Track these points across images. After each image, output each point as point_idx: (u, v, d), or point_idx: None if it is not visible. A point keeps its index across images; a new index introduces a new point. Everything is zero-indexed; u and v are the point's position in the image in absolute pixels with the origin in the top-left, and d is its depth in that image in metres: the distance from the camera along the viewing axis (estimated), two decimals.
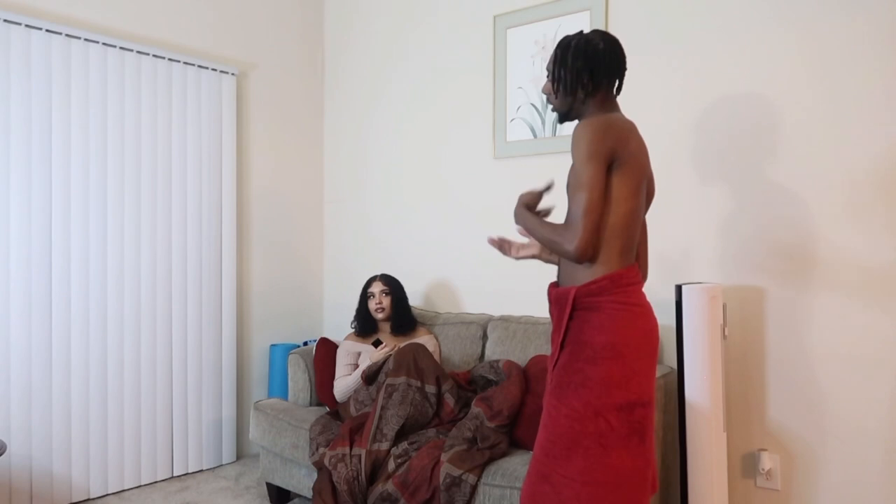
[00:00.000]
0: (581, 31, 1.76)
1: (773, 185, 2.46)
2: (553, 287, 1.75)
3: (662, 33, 2.71)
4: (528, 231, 1.70)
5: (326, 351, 3.02)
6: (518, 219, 1.76)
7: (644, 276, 1.83)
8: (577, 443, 1.59)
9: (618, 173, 1.60)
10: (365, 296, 3.06)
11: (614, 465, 1.58)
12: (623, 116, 1.69)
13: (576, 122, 1.81)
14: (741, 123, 2.52)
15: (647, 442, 1.64)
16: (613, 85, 1.74)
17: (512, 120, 3.13)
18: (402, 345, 2.76)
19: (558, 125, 2.96)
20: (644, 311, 1.65)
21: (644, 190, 1.68)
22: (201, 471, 3.33)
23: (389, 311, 3.01)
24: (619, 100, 2.80)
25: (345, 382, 2.84)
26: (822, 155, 2.36)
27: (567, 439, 1.60)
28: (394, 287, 3.05)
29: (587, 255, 1.55)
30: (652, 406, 1.65)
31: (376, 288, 3.02)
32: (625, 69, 1.75)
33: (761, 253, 2.48)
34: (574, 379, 1.62)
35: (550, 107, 1.82)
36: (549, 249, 1.66)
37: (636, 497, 1.61)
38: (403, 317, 3.03)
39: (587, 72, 1.70)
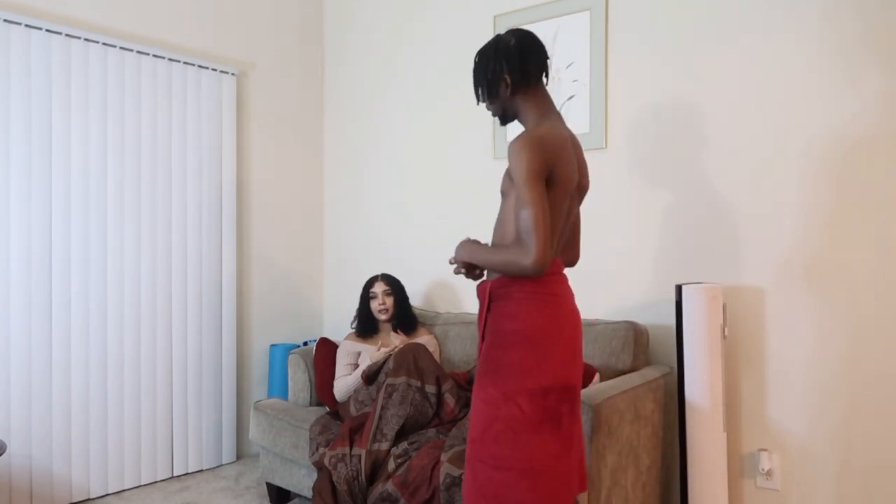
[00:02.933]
0: (497, 34, 1.83)
1: (774, 185, 2.46)
2: (479, 283, 1.81)
3: (663, 33, 2.71)
4: (478, 262, 1.71)
5: (326, 351, 3.02)
6: (464, 252, 1.76)
7: (574, 260, 1.95)
8: (490, 426, 1.65)
9: (547, 187, 1.66)
10: (366, 296, 3.06)
11: (526, 451, 1.61)
12: (556, 126, 1.72)
13: (515, 121, 1.87)
14: (741, 123, 2.52)
15: (564, 429, 1.66)
16: (535, 78, 1.77)
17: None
18: (402, 345, 2.76)
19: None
20: (554, 300, 1.68)
21: (569, 196, 1.72)
22: (201, 471, 3.33)
23: (392, 311, 3.01)
24: (620, 100, 2.80)
25: (345, 382, 2.84)
26: (821, 155, 2.36)
27: (482, 423, 1.67)
28: (396, 287, 3.05)
29: (545, 267, 1.57)
30: (571, 392, 1.67)
31: (378, 288, 3.02)
32: (543, 59, 1.78)
33: (761, 253, 2.48)
34: (490, 366, 1.69)
35: (491, 113, 1.90)
36: (502, 272, 1.66)
37: (551, 486, 1.62)
38: (406, 317, 3.03)
39: (503, 70, 1.76)
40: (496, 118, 1.92)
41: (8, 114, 2.71)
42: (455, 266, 1.81)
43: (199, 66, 3.30)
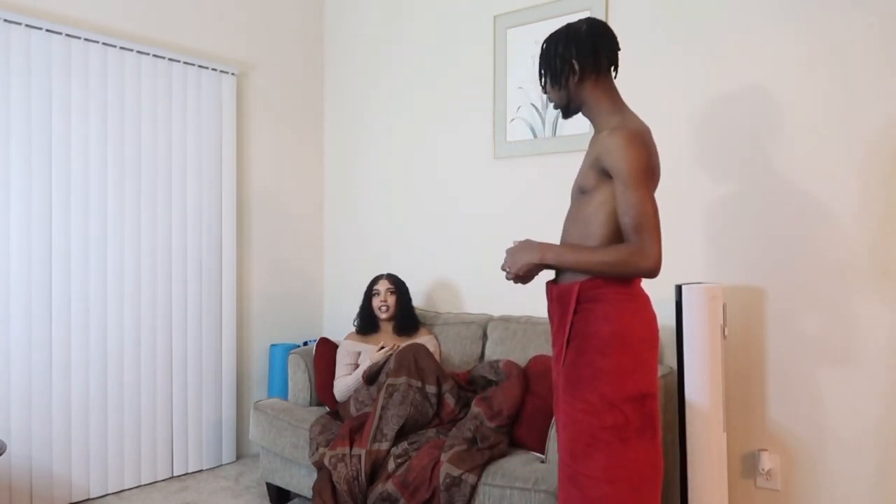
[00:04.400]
0: (568, 22, 1.74)
1: (774, 185, 2.45)
2: (552, 284, 1.73)
3: (664, 31, 2.70)
4: (573, 263, 1.59)
5: (326, 351, 3.02)
6: (538, 254, 1.64)
7: None
8: (596, 438, 1.57)
9: None
10: (369, 293, 3.06)
11: (634, 460, 1.57)
12: (641, 122, 1.66)
13: (579, 113, 1.75)
14: (743, 121, 2.52)
15: (659, 438, 1.64)
16: (605, 67, 1.68)
17: (512, 120, 3.13)
18: (403, 345, 2.76)
19: (558, 125, 2.96)
20: (646, 303, 1.66)
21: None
22: (201, 471, 3.33)
23: (394, 310, 3.01)
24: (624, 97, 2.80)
25: (345, 382, 2.84)
26: (824, 153, 2.36)
27: (587, 435, 1.59)
28: (399, 287, 3.05)
29: (660, 268, 1.54)
30: (658, 398, 1.66)
31: (382, 286, 3.02)
32: (614, 48, 1.70)
33: (762, 253, 2.48)
34: (584, 373, 1.60)
35: (552, 105, 1.81)
36: (609, 274, 1.57)
37: (655, 492, 1.60)
38: (407, 318, 3.04)
39: (571, 56, 1.66)
40: (557, 111, 1.82)
41: (8, 114, 2.71)
42: (509, 272, 1.71)
43: (199, 66, 3.30)
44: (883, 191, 2.25)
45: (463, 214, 3.35)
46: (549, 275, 2.98)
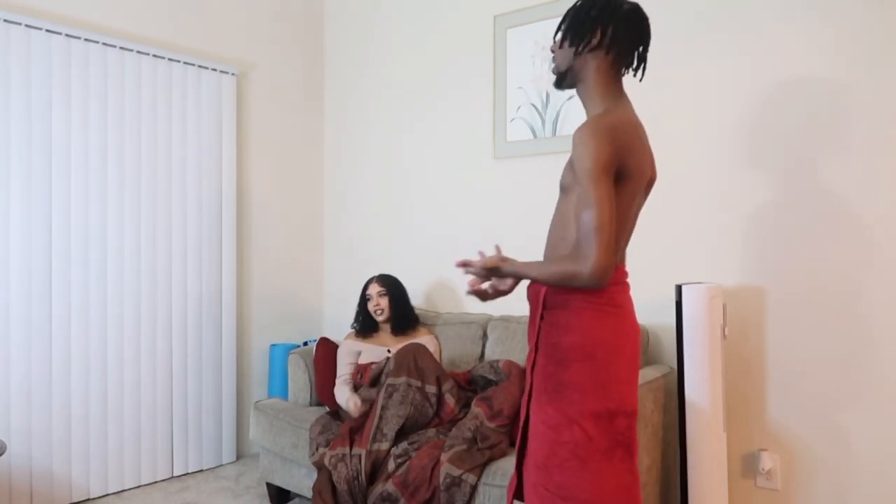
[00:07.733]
0: None
1: (776, 185, 2.45)
2: (530, 285, 1.67)
3: (660, 32, 2.70)
4: (529, 276, 1.51)
5: (326, 351, 3.02)
6: (502, 271, 1.54)
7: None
8: (553, 453, 1.50)
9: (617, 183, 1.47)
10: (364, 297, 3.06)
11: (595, 481, 1.47)
12: (627, 113, 1.53)
13: (573, 90, 1.65)
14: (735, 119, 2.52)
15: (636, 459, 1.54)
16: (622, 52, 1.56)
17: (512, 120, 3.13)
18: (402, 345, 2.76)
19: (558, 125, 2.96)
20: (618, 312, 1.52)
21: (639, 193, 1.56)
22: (201, 471, 3.33)
23: (388, 312, 3.00)
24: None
25: (340, 393, 2.81)
26: (831, 153, 2.36)
27: (546, 448, 1.52)
28: (390, 287, 3.03)
29: (606, 276, 1.39)
30: (636, 418, 1.54)
31: (373, 290, 3.01)
32: (642, 42, 1.57)
33: (762, 253, 2.48)
34: (548, 384, 1.53)
35: (552, 67, 1.69)
36: (561, 286, 1.48)
37: None
38: (404, 317, 3.03)
39: (599, 23, 1.53)
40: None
41: (8, 114, 2.71)
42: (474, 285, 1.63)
43: (199, 66, 3.30)
44: (879, 195, 2.25)
45: (463, 214, 3.35)
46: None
